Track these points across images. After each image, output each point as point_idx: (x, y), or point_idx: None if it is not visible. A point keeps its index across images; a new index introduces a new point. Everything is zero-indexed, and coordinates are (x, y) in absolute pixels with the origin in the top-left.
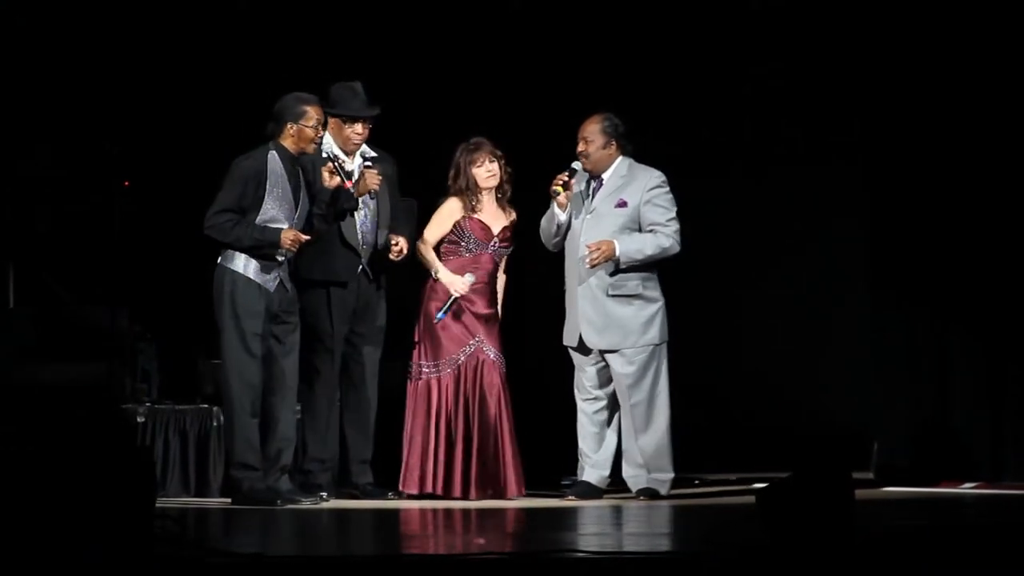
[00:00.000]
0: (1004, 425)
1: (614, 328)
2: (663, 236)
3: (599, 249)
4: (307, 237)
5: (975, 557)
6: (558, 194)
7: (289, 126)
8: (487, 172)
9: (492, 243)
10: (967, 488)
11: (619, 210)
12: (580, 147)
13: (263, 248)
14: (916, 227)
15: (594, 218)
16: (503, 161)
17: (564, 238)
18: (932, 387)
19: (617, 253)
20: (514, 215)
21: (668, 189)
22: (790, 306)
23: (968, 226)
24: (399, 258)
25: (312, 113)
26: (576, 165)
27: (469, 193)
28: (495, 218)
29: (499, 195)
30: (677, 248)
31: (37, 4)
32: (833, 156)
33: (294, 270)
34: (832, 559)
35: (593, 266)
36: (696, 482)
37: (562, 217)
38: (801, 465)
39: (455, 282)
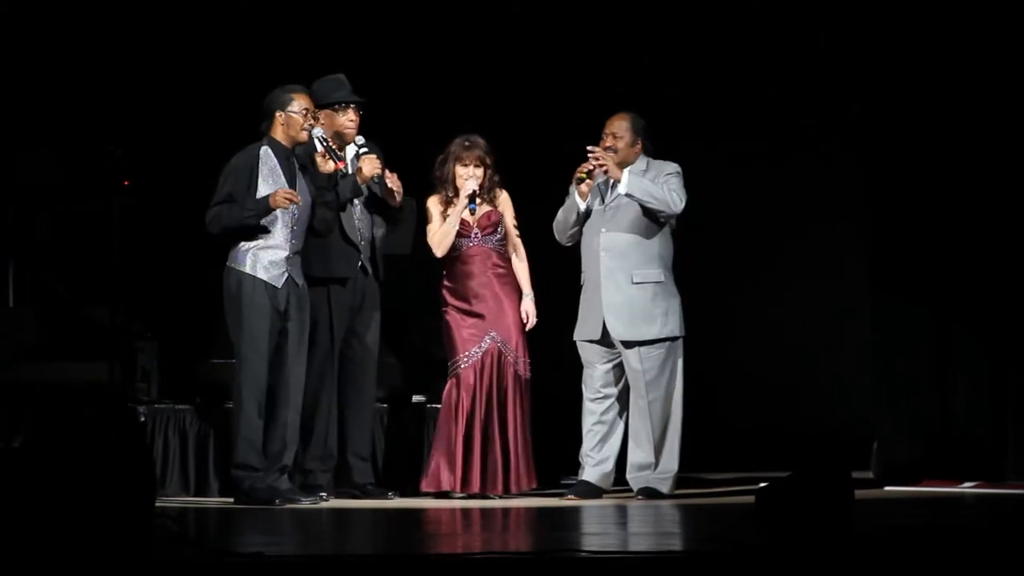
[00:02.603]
0: (1005, 425)
1: (638, 318)
2: (674, 194)
3: (604, 158)
4: (299, 198)
5: (975, 557)
6: (582, 181)
7: (278, 115)
8: (466, 176)
9: (473, 234)
10: (967, 488)
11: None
12: (608, 142)
13: (259, 217)
14: (916, 226)
15: (615, 210)
16: (490, 170)
17: (580, 231)
18: (932, 387)
19: (625, 176)
20: (504, 197)
21: (682, 180)
22: (790, 306)
23: (968, 226)
24: (399, 198)
25: (298, 100)
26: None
27: (448, 185)
28: (478, 206)
29: (482, 193)
30: (679, 207)
31: (37, 5)
32: (833, 156)
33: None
34: (832, 559)
35: (596, 159)
36: (695, 483)
37: (582, 206)
38: (801, 465)
39: (462, 197)
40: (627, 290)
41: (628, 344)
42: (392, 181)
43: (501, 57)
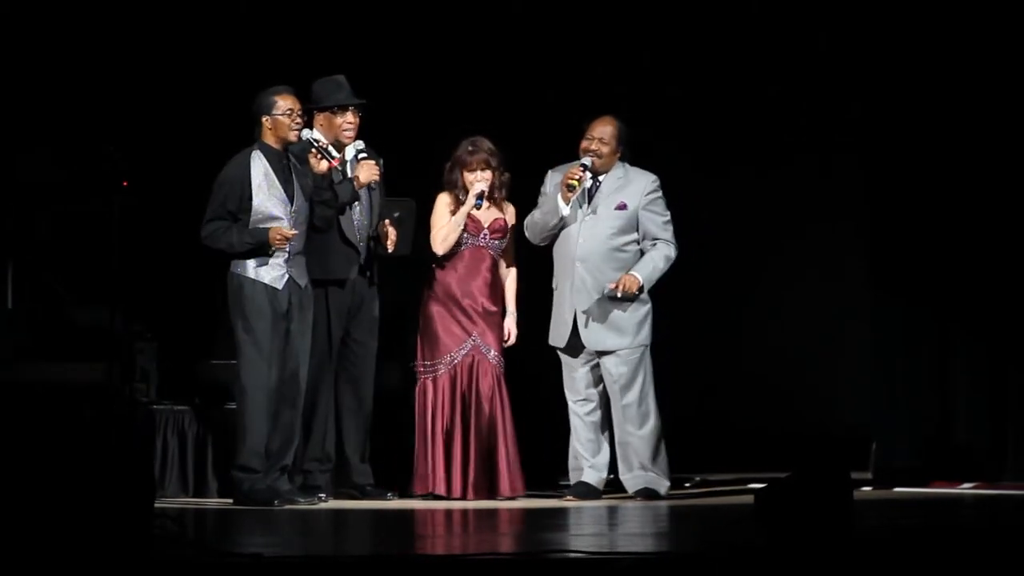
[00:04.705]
0: (1005, 425)
1: (612, 329)
2: (665, 246)
3: (624, 285)
4: (294, 232)
5: (975, 557)
6: (573, 188)
7: (264, 120)
8: (474, 180)
9: (483, 235)
10: (967, 488)
11: (618, 212)
12: (593, 146)
13: (257, 250)
14: (916, 226)
15: (593, 220)
16: (498, 171)
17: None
18: (932, 387)
19: (641, 282)
20: (511, 210)
21: (662, 193)
22: (790, 306)
23: (968, 226)
24: (392, 248)
25: (282, 102)
26: (587, 161)
27: (459, 190)
28: (485, 213)
29: (491, 196)
30: (675, 247)
31: (37, 5)
32: (833, 156)
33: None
34: (831, 559)
35: (624, 293)
36: (687, 485)
37: (566, 211)
38: (801, 465)
39: (471, 196)
40: (602, 301)
41: (602, 352)
42: (390, 239)
43: (501, 57)
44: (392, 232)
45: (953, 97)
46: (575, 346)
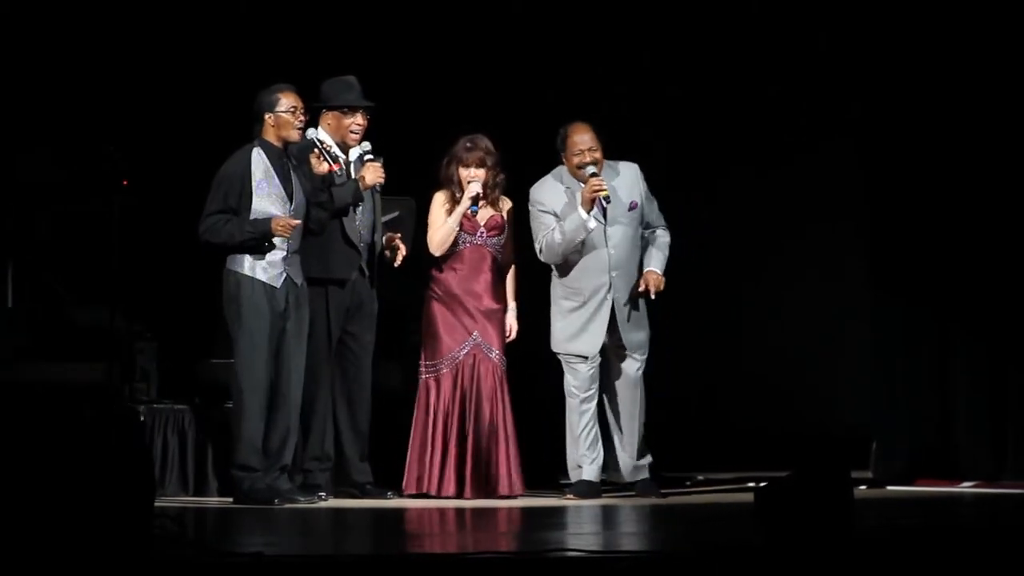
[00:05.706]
0: (1005, 425)
1: (640, 327)
2: (663, 233)
3: (656, 286)
4: (297, 221)
5: (974, 557)
6: (608, 199)
7: (267, 117)
8: (468, 177)
9: (479, 233)
10: (967, 488)
11: (633, 213)
12: (587, 158)
13: (258, 240)
14: (916, 226)
15: (615, 228)
16: (493, 170)
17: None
18: (932, 387)
19: (660, 275)
20: (507, 205)
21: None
22: (790, 306)
23: (968, 225)
24: (400, 263)
25: (284, 99)
26: (593, 170)
27: (454, 186)
28: (481, 211)
29: (486, 195)
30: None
31: (37, 5)
32: (833, 156)
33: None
34: (832, 559)
35: (658, 291)
36: (687, 484)
37: (593, 224)
38: (801, 465)
39: (465, 198)
40: (633, 301)
41: (634, 349)
42: (401, 253)
43: (501, 57)
44: (403, 248)
45: (953, 97)
46: (601, 349)
